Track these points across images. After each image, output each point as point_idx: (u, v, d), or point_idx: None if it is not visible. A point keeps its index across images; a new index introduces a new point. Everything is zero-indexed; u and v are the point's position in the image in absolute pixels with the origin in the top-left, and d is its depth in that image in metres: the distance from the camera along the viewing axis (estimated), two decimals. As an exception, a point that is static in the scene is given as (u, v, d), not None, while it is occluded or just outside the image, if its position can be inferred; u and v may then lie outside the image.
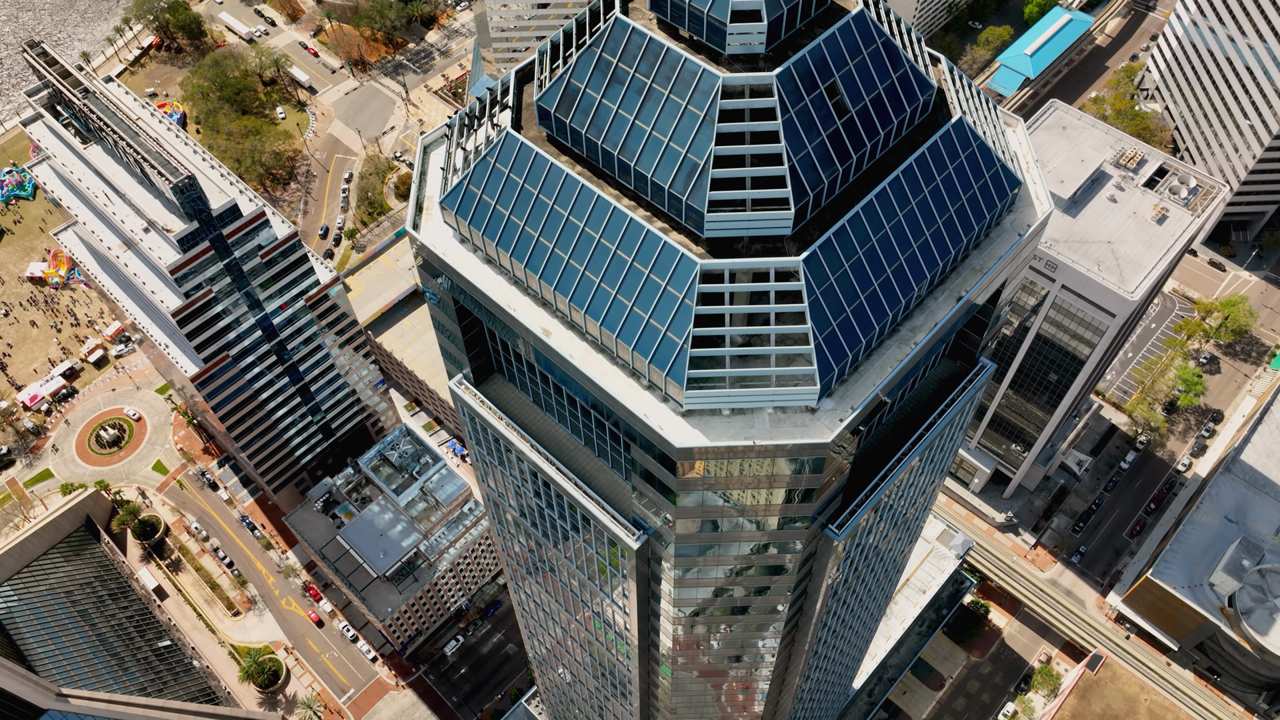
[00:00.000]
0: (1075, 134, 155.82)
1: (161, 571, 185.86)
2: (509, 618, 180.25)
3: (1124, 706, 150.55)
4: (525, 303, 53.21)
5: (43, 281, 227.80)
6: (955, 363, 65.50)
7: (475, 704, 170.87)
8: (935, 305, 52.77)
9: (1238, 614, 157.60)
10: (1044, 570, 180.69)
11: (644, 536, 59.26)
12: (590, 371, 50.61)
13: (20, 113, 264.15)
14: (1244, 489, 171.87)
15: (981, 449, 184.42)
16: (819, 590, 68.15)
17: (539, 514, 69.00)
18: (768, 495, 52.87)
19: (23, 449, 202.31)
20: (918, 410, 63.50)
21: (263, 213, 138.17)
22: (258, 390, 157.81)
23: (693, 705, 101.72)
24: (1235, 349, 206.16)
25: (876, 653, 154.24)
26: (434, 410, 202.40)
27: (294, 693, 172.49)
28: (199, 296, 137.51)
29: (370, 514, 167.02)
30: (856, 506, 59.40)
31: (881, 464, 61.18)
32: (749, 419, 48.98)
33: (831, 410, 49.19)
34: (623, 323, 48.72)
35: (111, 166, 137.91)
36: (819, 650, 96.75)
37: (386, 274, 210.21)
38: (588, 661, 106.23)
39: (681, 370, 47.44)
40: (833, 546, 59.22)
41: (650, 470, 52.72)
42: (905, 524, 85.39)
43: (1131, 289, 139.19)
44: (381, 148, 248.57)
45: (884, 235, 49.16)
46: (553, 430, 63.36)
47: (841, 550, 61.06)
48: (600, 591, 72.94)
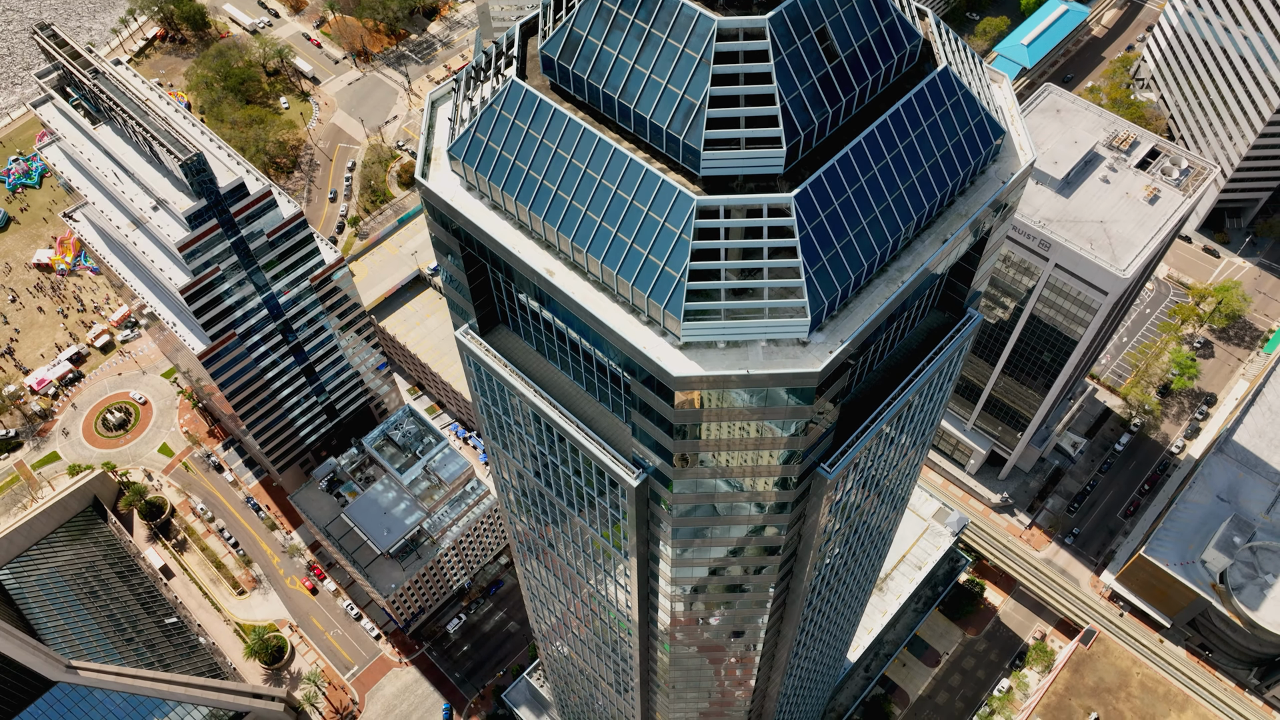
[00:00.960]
0: (1069, 117, 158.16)
1: (168, 551, 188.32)
2: (511, 596, 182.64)
3: (1116, 680, 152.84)
4: (530, 245, 55.59)
5: (49, 268, 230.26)
6: (944, 314, 67.86)
7: (477, 680, 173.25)
8: (922, 247, 55.15)
9: (1229, 590, 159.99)
10: (1039, 550, 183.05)
11: (643, 475, 61.64)
12: (592, 309, 52.98)
13: (25, 104, 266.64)
14: (1236, 469, 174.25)
15: (977, 430, 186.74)
16: (812, 537, 70.51)
17: (542, 463, 71.34)
18: (760, 428, 55.25)
19: (30, 432, 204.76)
20: (907, 358, 65.87)
21: (269, 192, 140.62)
22: (264, 369, 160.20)
23: (690, 678, 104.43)
24: (1229, 333, 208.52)
25: (872, 627, 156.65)
26: (437, 394, 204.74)
27: (298, 669, 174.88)
28: (206, 274, 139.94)
29: (374, 492, 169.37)
30: (848, 447, 61.76)
31: (873, 410, 63.53)
32: (743, 351, 51.36)
33: (822, 343, 51.56)
34: (623, 259, 51.11)
35: (121, 146, 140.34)
36: (810, 617, 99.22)
37: (390, 259, 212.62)
38: (589, 637, 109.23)
39: (679, 303, 49.80)
40: (825, 485, 61.59)
41: (649, 404, 55.10)
42: (891, 495, 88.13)
43: (1124, 267, 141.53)
44: (384, 137, 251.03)
45: (872, 177, 51.52)
46: (555, 377, 65.74)
47: (834, 491, 63.40)
48: (601, 553, 75.54)
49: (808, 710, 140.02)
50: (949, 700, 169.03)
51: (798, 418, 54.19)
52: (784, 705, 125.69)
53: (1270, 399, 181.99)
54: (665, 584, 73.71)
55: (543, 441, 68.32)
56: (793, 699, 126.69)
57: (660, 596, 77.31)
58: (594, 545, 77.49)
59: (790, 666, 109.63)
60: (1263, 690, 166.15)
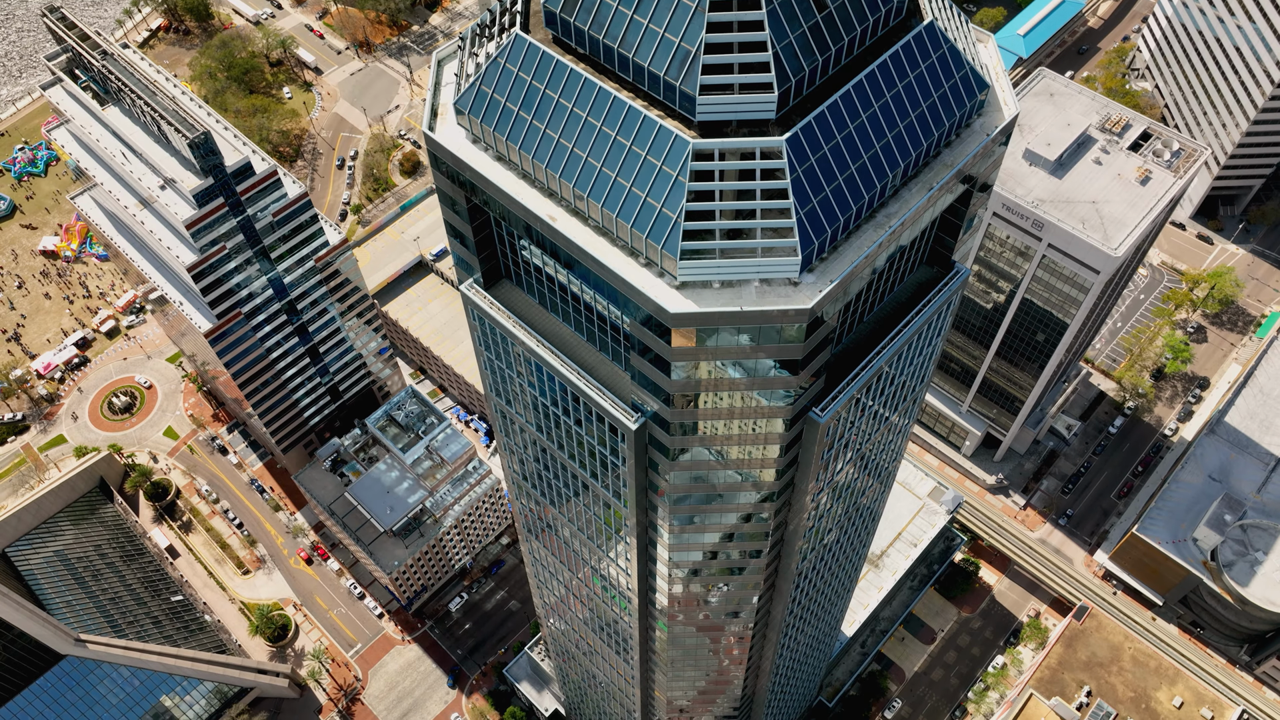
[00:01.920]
0: (1062, 100, 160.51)
1: (173, 532, 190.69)
2: (512, 576, 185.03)
3: (1109, 654, 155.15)
4: (533, 194, 57.96)
5: (55, 255, 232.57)
6: (932, 268, 70.22)
7: (479, 657, 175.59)
8: (909, 195, 57.53)
9: (1220, 567, 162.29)
10: (1033, 530, 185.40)
11: (641, 419, 64.00)
12: (593, 251, 55.37)
13: (30, 94, 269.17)
14: (1228, 449, 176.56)
15: (972, 413, 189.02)
16: (805, 489, 72.87)
17: (545, 415, 73.68)
18: (754, 367, 57.62)
19: (37, 415, 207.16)
20: (897, 310, 68.24)
21: (275, 171, 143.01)
22: (269, 349, 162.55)
23: (688, 653, 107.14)
24: (1222, 318, 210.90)
25: (869, 602, 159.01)
26: (439, 378, 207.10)
27: (302, 646, 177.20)
28: (213, 253, 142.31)
29: (377, 472, 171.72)
30: (839, 392, 64.11)
31: (863, 358, 65.94)
32: (737, 291, 53.72)
33: (812, 283, 53.92)
34: (622, 202, 53.48)
35: (129, 127, 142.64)
36: (799, 594, 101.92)
37: (392, 245, 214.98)
38: (589, 617, 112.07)
39: (675, 242, 52.16)
40: (817, 429, 63.94)
41: (647, 344, 57.46)
42: (879, 465, 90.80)
43: (1115, 246, 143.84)
44: (386, 126, 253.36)
45: (860, 124, 53.87)
46: (558, 328, 68.11)
47: (826, 437, 65.72)
48: (602, 521, 78.00)
49: (802, 684, 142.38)
50: (944, 677, 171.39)
51: (789, 356, 56.50)
52: (778, 677, 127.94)
53: (1262, 381, 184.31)
54: (665, 536, 76.08)
55: (545, 393, 70.66)
56: (786, 672, 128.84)
57: (659, 551, 79.84)
58: (595, 510, 79.81)
59: (783, 633, 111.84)
60: (1253, 666, 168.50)
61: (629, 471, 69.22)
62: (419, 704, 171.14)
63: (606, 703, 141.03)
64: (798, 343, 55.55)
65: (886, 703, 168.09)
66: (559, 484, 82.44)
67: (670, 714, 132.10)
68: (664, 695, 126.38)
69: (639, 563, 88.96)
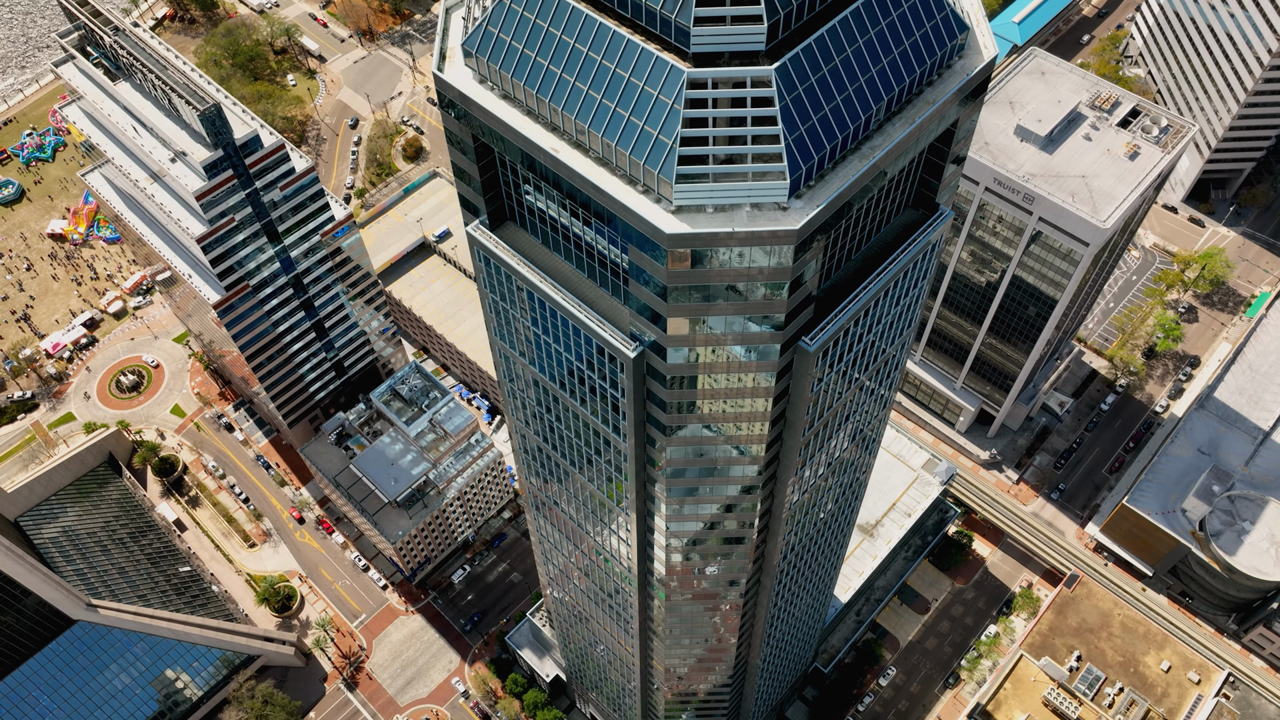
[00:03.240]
0: (1054, 78, 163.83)
1: (180, 506, 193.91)
2: (513, 549, 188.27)
3: (1098, 620, 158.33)
4: (537, 129, 61.30)
5: (63, 238, 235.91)
6: (918, 211, 73.54)
7: (481, 627, 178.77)
8: (893, 129, 60.83)
9: (1208, 537, 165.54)
10: (1026, 504, 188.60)
11: (639, 348, 67.29)
12: (595, 180, 58.70)
13: (37, 81, 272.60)
14: (1216, 424, 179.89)
15: (966, 389, 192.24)
16: (797, 430, 76.18)
17: (547, 354, 76.95)
18: (747, 289, 60.93)
19: (46, 393, 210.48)
20: (883, 250, 71.55)
21: (283, 145, 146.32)
22: (275, 323, 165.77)
23: (684, 621, 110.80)
24: (1213, 299, 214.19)
25: (863, 570, 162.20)
26: (441, 357, 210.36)
27: (307, 617, 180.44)
28: (222, 224, 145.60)
29: (381, 445, 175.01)
30: (828, 323, 67.40)
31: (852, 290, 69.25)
32: (729, 215, 57.05)
33: (800, 208, 57.23)
34: (621, 130, 56.79)
35: (140, 101, 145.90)
36: (792, 546, 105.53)
37: (396, 227, 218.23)
38: (590, 588, 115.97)
39: (671, 167, 55.47)
40: (808, 357, 67.23)
41: (644, 268, 60.76)
42: (863, 438, 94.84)
43: (1104, 218, 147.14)
44: (389, 112, 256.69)
45: (846, 58, 57.18)
46: (559, 266, 71.43)
47: (815, 368, 68.97)
48: (600, 454, 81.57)
49: (795, 650, 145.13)
50: (938, 645, 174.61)
51: (779, 279, 59.79)
52: (770, 645, 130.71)
53: (1250, 358, 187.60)
54: (662, 491, 79.39)
55: (547, 329, 73.92)
56: (778, 639, 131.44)
57: (657, 517, 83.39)
58: (597, 454, 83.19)
59: (773, 601, 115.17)
60: (1240, 635, 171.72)
61: (629, 404, 72.45)
62: (422, 672, 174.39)
63: (607, 670, 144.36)
64: (787, 266, 58.80)
65: (881, 670, 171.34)
66: (562, 426, 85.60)
67: (669, 682, 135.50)
68: (661, 665, 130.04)
69: (638, 532, 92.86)
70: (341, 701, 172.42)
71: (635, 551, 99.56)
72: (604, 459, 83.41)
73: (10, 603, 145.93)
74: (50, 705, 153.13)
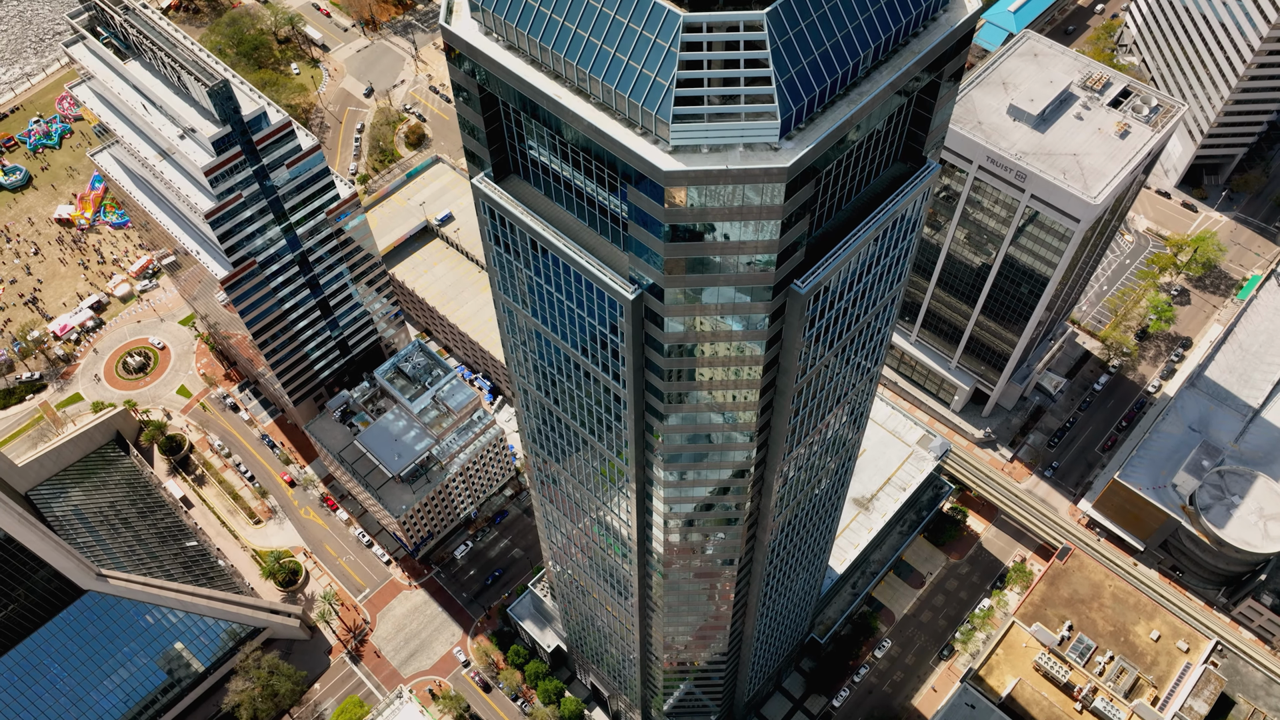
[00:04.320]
0: (1046, 60, 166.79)
1: (187, 484, 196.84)
2: (515, 525, 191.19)
3: (1090, 592, 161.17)
4: (541, 76, 64.26)
5: (70, 223, 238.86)
6: (906, 164, 76.51)
7: (483, 601, 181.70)
8: (879, 76, 63.82)
9: (1198, 511, 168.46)
10: (1020, 482, 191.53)
11: (638, 290, 70.24)
12: (596, 123, 61.63)
13: (44, 70, 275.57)
14: (1207, 402, 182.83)
15: (961, 368, 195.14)
16: (790, 381, 79.14)
17: (549, 304, 79.88)
18: (741, 228, 63.87)
19: (54, 374, 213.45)
20: (872, 201, 74.52)
21: (289, 122, 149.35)
22: (281, 300, 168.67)
23: (682, 595, 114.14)
24: (1205, 281, 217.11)
25: (859, 542, 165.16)
26: (444, 339, 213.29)
27: (312, 592, 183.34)
28: (230, 200, 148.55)
29: (385, 421, 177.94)
30: (819, 267, 70.36)
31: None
32: (723, 155, 60.00)
33: (791, 148, 60.19)
34: (620, 74, 59.72)
35: (150, 79, 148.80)
36: (787, 525, 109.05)
37: (399, 211, 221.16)
38: (592, 562, 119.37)
39: (668, 108, 58.42)
40: (800, 299, 70.18)
41: (643, 209, 63.70)
42: (852, 411, 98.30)
43: (1094, 195, 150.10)
44: (392, 100, 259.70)
45: (835, 4, 60.16)
46: (561, 215, 74.40)
47: (805, 311, 71.88)
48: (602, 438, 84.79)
49: (790, 619, 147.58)
50: (932, 619, 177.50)
51: (771, 217, 62.73)
52: (764, 618, 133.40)
53: (1241, 337, 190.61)
54: (660, 454, 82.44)
55: (550, 280, 76.84)
56: (772, 607, 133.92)
57: (655, 481, 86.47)
58: (597, 409, 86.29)
59: (768, 565, 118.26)
60: (1230, 608, 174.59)
61: (628, 350, 75.37)
62: (425, 645, 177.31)
63: (607, 641, 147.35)
64: (778, 204, 61.74)
65: (877, 642, 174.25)
66: (564, 378, 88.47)
67: (668, 653, 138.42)
68: (660, 636, 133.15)
69: (638, 506, 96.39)
70: (346, 673, 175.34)
71: (635, 522, 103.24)
72: (605, 410, 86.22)
73: (22, 572, 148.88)
74: (61, 673, 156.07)
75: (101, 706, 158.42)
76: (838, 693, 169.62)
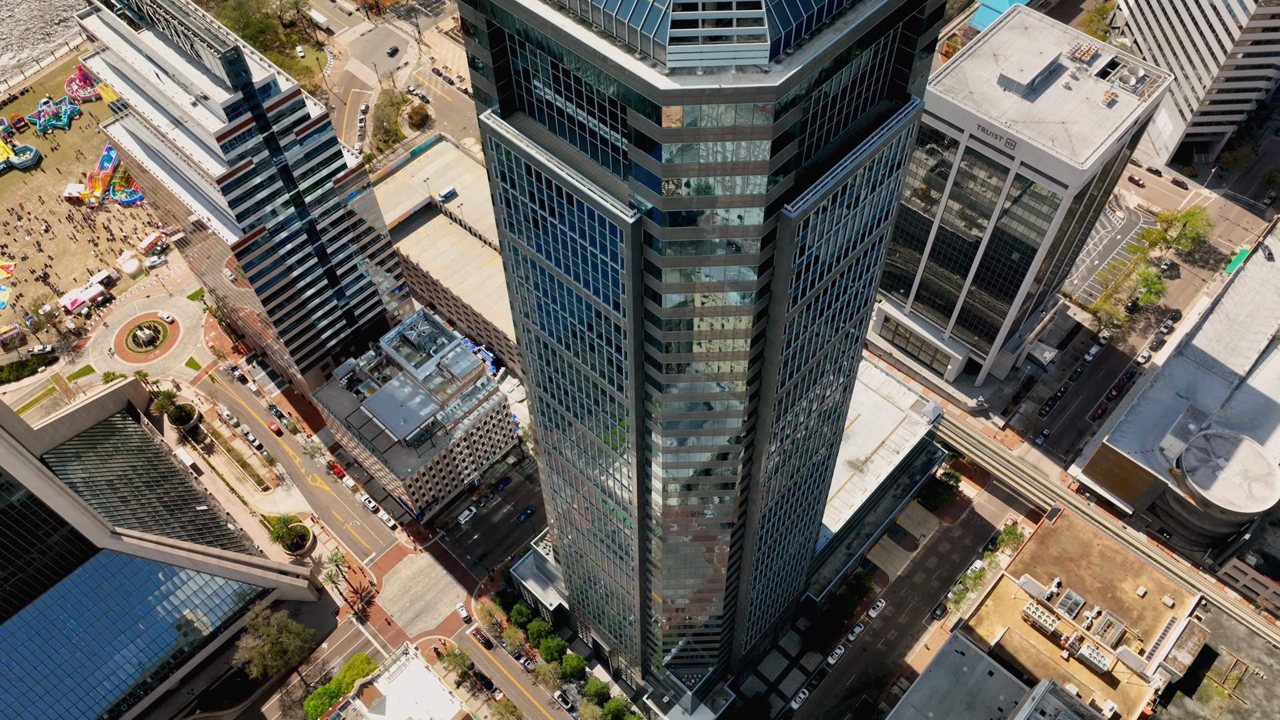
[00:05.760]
0: (1036, 32, 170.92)
1: (196, 452, 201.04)
2: (517, 492, 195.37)
3: (1078, 550, 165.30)
4: (545, 7, 68.51)
5: (79, 201, 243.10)
6: (891, 101, 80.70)
7: (487, 564, 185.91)
8: (864, 6, 68.03)
9: (1184, 473, 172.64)
10: (1012, 449, 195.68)
11: (638, 214, 74.46)
12: (598, 49, 65.85)
13: (55, 53, 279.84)
14: (1195, 369, 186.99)
15: (954, 339, 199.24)
16: (782, 301, 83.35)
17: (552, 237, 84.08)
18: (734, 149, 68.04)
19: (65, 347, 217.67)
20: (859, 133, 78.71)
21: (299, 90, 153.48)
22: (290, 268, 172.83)
23: (678, 557, 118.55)
24: (1194, 256, 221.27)
25: (853, 502, 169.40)
26: (448, 312, 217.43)
27: (320, 555, 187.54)
28: (241, 166, 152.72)
29: (391, 388, 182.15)
30: (808, 193, 74.57)
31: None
32: (717, 76, 64.17)
33: (780, 70, 64.38)
34: (620, 1, 64.00)
35: (162, 49, 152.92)
36: (778, 488, 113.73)
37: (403, 188, 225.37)
38: (594, 528, 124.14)
39: (665, 31, 62.62)
40: (790, 223, 74.36)
41: (641, 130, 67.89)
42: (838, 371, 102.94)
43: (1082, 160, 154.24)
44: (395, 82, 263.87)
45: (821, -64, 64.53)
46: (564, 148, 78.63)
47: (795, 237, 76.06)
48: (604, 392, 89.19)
49: (787, 571, 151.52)
50: (926, 580, 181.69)
51: (762, 137, 66.91)
52: (759, 570, 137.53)
53: (1228, 308, 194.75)
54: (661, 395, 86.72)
55: (553, 211, 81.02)
56: (767, 560, 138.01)
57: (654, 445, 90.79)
58: (599, 365, 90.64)
59: (763, 521, 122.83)
60: (1215, 569, 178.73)
61: (628, 277, 79.55)
62: (430, 606, 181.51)
63: (609, 602, 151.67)
64: (768, 125, 65.96)
65: (871, 602, 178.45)
66: (567, 315, 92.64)
67: (667, 613, 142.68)
68: (660, 597, 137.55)
69: (638, 470, 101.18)
70: (353, 633, 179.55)
71: (636, 488, 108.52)
72: (606, 342, 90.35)
73: (40, 530, 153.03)
74: (76, 628, 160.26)
75: (115, 661, 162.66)
76: (833, 650, 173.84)
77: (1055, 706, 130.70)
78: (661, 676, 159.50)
